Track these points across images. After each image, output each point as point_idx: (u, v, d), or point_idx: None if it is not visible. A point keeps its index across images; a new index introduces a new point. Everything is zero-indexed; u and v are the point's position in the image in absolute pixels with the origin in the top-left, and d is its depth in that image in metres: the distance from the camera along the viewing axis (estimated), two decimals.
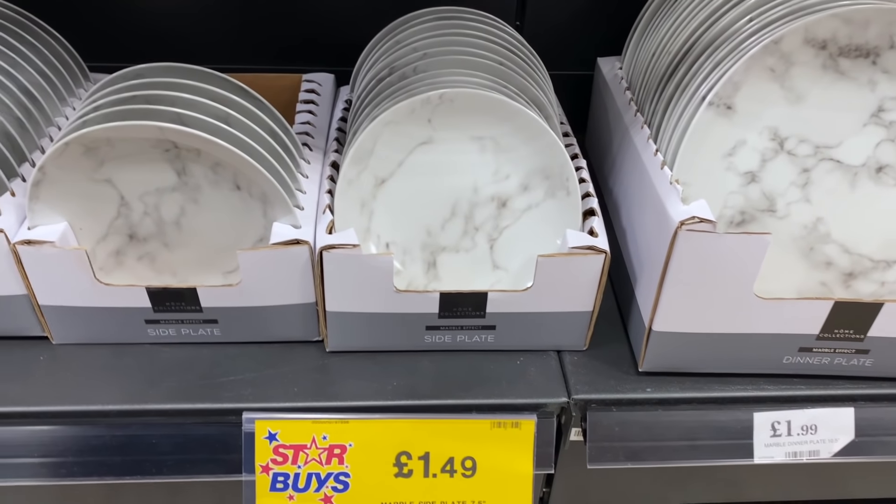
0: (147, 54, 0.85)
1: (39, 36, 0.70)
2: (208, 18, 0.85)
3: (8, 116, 0.61)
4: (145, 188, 0.58)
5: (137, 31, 0.84)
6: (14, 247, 0.56)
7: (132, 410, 0.58)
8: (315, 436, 0.57)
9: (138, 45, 0.85)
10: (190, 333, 0.62)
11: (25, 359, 0.61)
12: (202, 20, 0.85)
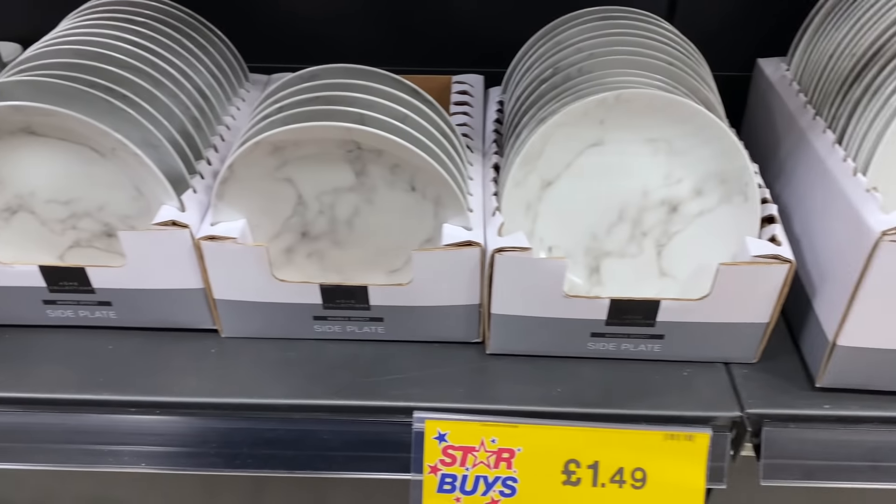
0: (297, 56, 0.87)
1: (208, 38, 0.72)
2: (356, 20, 0.86)
3: (186, 115, 0.63)
4: (323, 187, 0.59)
5: (288, 32, 0.86)
6: (198, 242, 0.58)
7: (303, 405, 0.59)
8: (484, 438, 0.57)
9: (289, 46, 0.87)
10: (355, 331, 0.63)
11: (197, 351, 0.63)
12: (350, 22, 0.86)
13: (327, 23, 0.87)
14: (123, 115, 0.58)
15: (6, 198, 0.61)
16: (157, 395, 0.59)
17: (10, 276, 0.61)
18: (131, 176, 0.59)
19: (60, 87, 0.57)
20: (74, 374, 0.61)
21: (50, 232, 0.63)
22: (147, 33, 0.66)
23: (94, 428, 0.59)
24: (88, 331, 0.64)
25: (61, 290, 0.62)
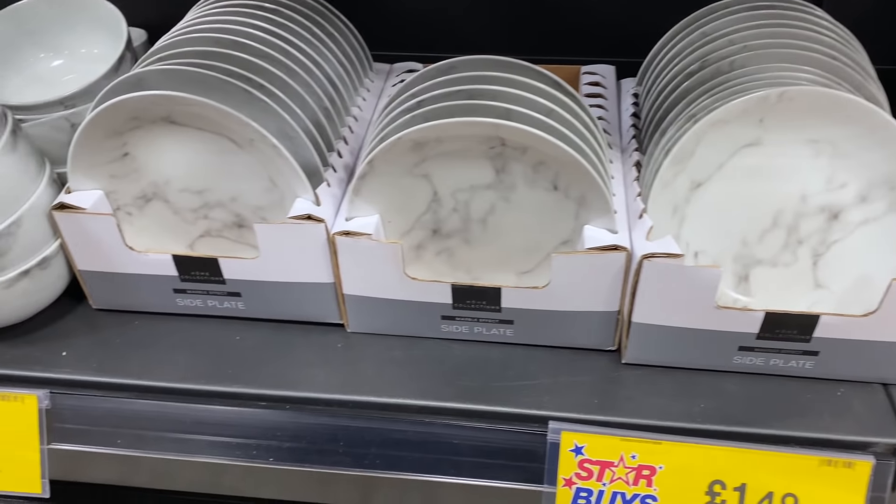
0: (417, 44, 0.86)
1: (336, 25, 0.71)
2: (478, 6, 0.83)
3: (319, 106, 0.62)
4: (460, 185, 0.56)
5: (408, 20, 0.85)
6: (333, 237, 0.57)
7: (433, 408, 0.57)
8: (624, 454, 0.54)
9: (409, 34, 0.85)
10: (482, 332, 0.61)
11: (324, 345, 0.62)
12: (471, 9, 0.84)
13: (448, 10, 0.85)
14: (261, 105, 0.57)
15: (142, 186, 0.61)
16: (286, 390, 0.59)
17: (144, 264, 0.61)
18: (267, 167, 0.58)
19: (201, 76, 0.56)
20: (204, 365, 0.61)
21: (182, 221, 0.63)
22: (279, 21, 0.65)
23: (224, 420, 0.59)
24: (216, 321, 0.64)
25: (193, 279, 0.62)
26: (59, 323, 0.65)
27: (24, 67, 0.74)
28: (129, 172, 0.60)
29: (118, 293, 0.64)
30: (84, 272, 0.63)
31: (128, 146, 0.59)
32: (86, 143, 0.58)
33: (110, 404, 0.60)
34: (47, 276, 0.62)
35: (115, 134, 0.58)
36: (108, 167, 0.60)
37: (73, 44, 0.75)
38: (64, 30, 0.74)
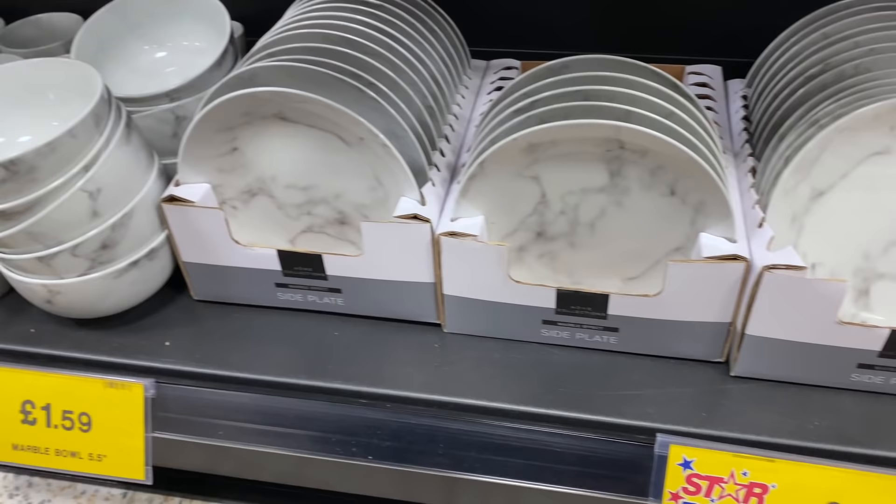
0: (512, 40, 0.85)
1: (438, 22, 0.70)
2: (574, 3, 0.82)
3: (424, 104, 0.62)
4: (570, 187, 0.55)
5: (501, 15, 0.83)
6: (438, 238, 0.56)
7: (535, 414, 0.56)
8: (734, 470, 0.52)
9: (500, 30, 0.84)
10: (584, 338, 0.60)
11: (421, 344, 0.62)
12: (568, 4, 0.82)
13: (543, 5, 0.83)
14: (371, 103, 0.57)
15: (248, 181, 0.62)
16: (384, 388, 0.59)
17: (249, 257, 0.62)
18: (374, 166, 0.58)
19: (314, 73, 0.56)
20: (303, 360, 0.61)
21: (285, 216, 0.63)
22: (385, 17, 0.65)
23: (323, 416, 0.59)
24: (315, 315, 0.65)
25: (295, 274, 0.62)
26: (161, 313, 0.66)
27: (127, 59, 0.76)
28: (237, 167, 0.61)
29: (220, 285, 0.65)
30: (188, 263, 0.64)
31: (237, 141, 0.59)
32: (197, 137, 0.58)
33: (212, 395, 0.61)
34: (153, 267, 0.63)
35: (227, 129, 0.58)
36: (217, 161, 0.60)
37: (176, 36, 0.76)
38: (168, 22, 0.76)
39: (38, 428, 0.61)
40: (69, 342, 0.64)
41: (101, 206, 0.57)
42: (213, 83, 0.69)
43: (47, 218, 0.54)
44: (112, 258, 0.59)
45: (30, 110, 0.62)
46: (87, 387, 0.60)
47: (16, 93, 0.61)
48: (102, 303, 0.62)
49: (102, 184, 0.56)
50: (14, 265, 0.58)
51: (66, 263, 0.57)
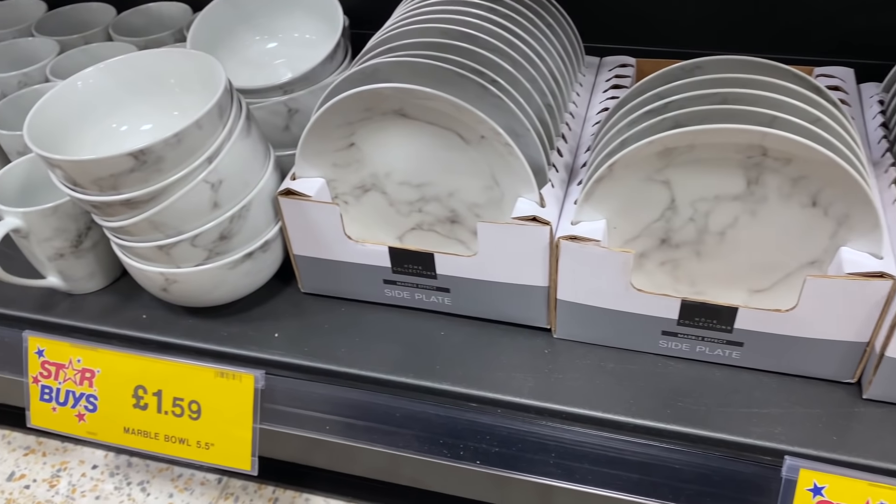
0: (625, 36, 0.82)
1: (555, 17, 0.68)
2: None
3: (543, 102, 0.60)
4: (703, 194, 0.53)
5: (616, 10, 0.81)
6: (558, 242, 0.55)
7: (651, 428, 0.54)
8: (871, 500, 0.49)
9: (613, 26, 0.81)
10: (705, 351, 0.57)
11: (530, 349, 0.61)
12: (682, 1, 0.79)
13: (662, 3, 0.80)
14: (493, 100, 0.55)
15: (362, 176, 0.61)
16: (495, 392, 0.57)
17: (360, 253, 0.61)
18: (493, 165, 0.57)
19: (436, 69, 0.55)
20: (411, 358, 0.60)
21: (396, 213, 0.63)
22: (503, 11, 0.63)
23: (432, 417, 0.58)
24: (421, 314, 0.64)
25: (405, 272, 0.61)
26: (269, 304, 0.67)
27: (238, 49, 0.76)
28: (352, 162, 0.60)
29: (329, 279, 0.65)
30: (298, 256, 0.64)
31: (355, 136, 0.59)
32: (317, 132, 0.58)
33: (320, 389, 0.61)
34: (266, 259, 0.63)
35: (346, 124, 0.58)
36: (333, 156, 0.60)
37: (287, 28, 0.76)
38: (280, 14, 0.76)
39: (149, 413, 0.62)
40: (180, 330, 0.65)
41: (222, 198, 0.57)
42: (326, 76, 0.70)
43: (170, 208, 0.55)
44: (228, 249, 0.60)
45: (151, 99, 0.63)
46: (198, 375, 0.61)
47: (138, 82, 0.62)
48: (215, 292, 0.62)
49: (224, 175, 0.56)
50: (133, 252, 0.59)
51: (185, 253, 0.58)
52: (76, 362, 0.64)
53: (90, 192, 0.54)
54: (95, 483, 0.80)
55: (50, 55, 0.83)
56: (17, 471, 0.82)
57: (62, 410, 0.65)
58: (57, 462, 0.83)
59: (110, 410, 0.63)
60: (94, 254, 0.66)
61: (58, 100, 0.59)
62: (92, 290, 0.69)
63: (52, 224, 0.62)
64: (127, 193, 0.54)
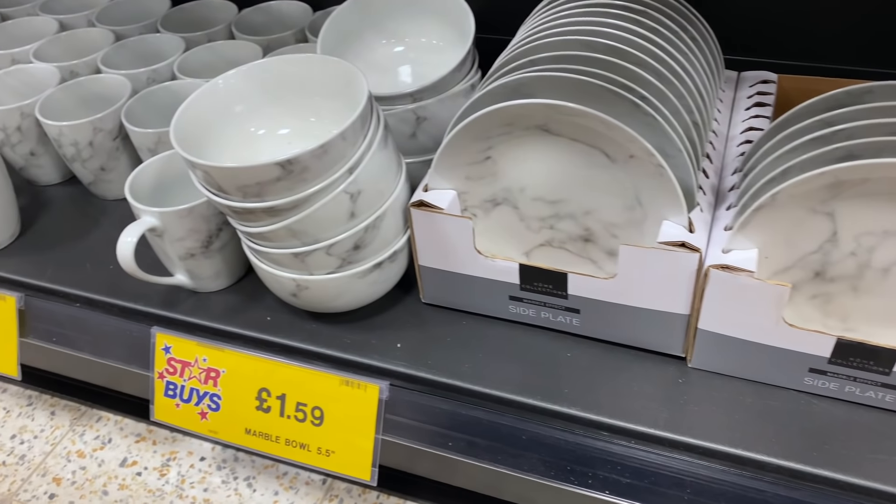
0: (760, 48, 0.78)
1: (700, 30, 0.65)
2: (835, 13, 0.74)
3: (691, 119, 0.57)
4: (870, 228, 0.49)
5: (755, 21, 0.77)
6: (707, 270, 0.52)
7: (799, 471, 0.52)
8: None
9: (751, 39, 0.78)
10: (854, 392, 0.54)
11: (663, 377, 0.58)
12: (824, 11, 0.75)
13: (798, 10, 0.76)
14: (644, 118, 0.53)
15: (494, 190, 0.60)
16: (627, 422, 0.55)
17: (488, 268, 0.60)
18: (638, 185, 0.54)
19: (584, 84, 0.53)
20: (537, 379, 0.59)
21: (526, 228, 0.61)
22: (649, 24, 0.61)
23: (559, 442, 0.57)
24: (546, 333, 0.62)
25: (533, 290, 0.60)
26: (390, 313, 0.66)
27: (363, 53, 0.76)
28: (486, 175, 0.59)
29: (452, 291, 0.64)
30: (424, 267, 0.63)
31: (492, 150, 0.57)
32: (455, 144, 0.57)
33: (443, 404, 0.60)
34: (393, 269, 0.63)
35: (485, 137, 0.57)
36: (466, 168, 0.59)
37: (414, 32, 0.75)
38: (408, 18, 0.75)
39: (272, 416, 0.63)
40: (303, 334, 0.65)
41: (359, 208, 0.56)
42: (455, 84, 0.69)
43: (310, 217, 0.55)
44: (360, 258, 0.59)
45: (288, 104, 0.63)
46: (323, 382, 0.61)
47: (276, 86, 0.63)
48: (341, 299, 0.62)
49: (363, 186, 0.56)
50: (267, 258, 0.60)
51: (319, 261, 0.58)
52: (202, 361, 0.65)
53: (234, 199, 0.54)
54: (203, 475, 0.82)
55: (176, 52, 0.85)
56: (130, 457, 0.84)
57: (185, 407, 0.66)
58: (167, 451, 0.85)
59: (233, 410, 0.64)
60: (222, 254, 0.67)
61: (200, 102, 0.60)
62: (216, 289, 0.70)
63: (186, 224, 0.63)
64: (270, 201, 0.54)
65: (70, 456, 0.85)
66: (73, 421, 0.89)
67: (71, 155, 0.76)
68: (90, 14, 0.95)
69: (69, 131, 0.74)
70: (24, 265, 0.75)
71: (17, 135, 0.79)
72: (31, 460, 0.85)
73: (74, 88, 0.80)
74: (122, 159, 0.79)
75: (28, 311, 0.72)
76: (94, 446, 0.86)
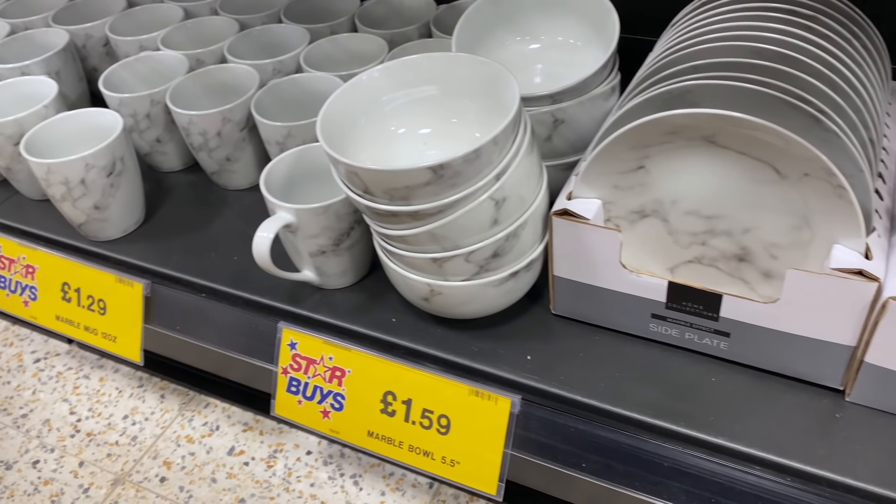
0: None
1: (871, 38, 0.60)
2: None
3: (867, 136, 0.53)
4: None
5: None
6: (887, 302, 0.48)
7: None
8: None
9: None
10: None
11: (818, 411, 0.54)
12: None
13: None
14: (823, 135, 0.49)
15: (643, 201, 0.57)
16: (782, 457, 0.52)
17: (632, 283, 0.57)
18: (811, 205, 0.50)
19: (759, 96, 0.50)
20: (679, 404, 0.56)
21: (674, 243, 0.58)
22: (820, 30, 0.56)
23: (704, 472, 0.54)
24: (688, 355, 0.59)
25: (680, 309, 0.57)
26: (517, 322, 0.64)
27: (494, 49, 0.73)
28: (636, 185, 0.56)
29: (587, 305, 0.61)
30: (559, 278, 0.61)
31: (647, 159, 0.54)
32: (609, 151, 0.54)
33: (575, 423, 0.58)
34: (527, 278, 0.60)
35: (642, 146, 0.54)
36: (616, 177, 0.56)
37: (551, 30, 0.72)
38: (543, 15, 0.72)
39: (396, 420, 0.62)
40: (430, 339, 0.63)
41: (502, 215, 0.54)
42: (595, 86, 0.66)
43: (454, 222, 0.53)
44: (497, 266, 0.57)
45: (429, 103, 0.61)
46: (451, 390, 0.59)
47: (417, 84, 0.61)
48: (471, 306, 0.60)
49: (508, 193, 0.54)
50: (403, 261, 0.58)
51: (457, 267, 0.56)
52: (328, 360, 0.64)
53: (380, 201, 0.53)
54: (310, 470, 0.82)
55: (299, 42, 0.84)
56: (237, 446, 0.85)
57: (307, 405, 0.65)
58: (273, 443, 0.85)
59: (357, 412, 0.63)
60: (350, 253, 0.66)
61: (344, 98, 0.59)
62: (340, 286, 0.69)
63: (321, 222, 0.62)
64: (416, 205, 0.52)
65: (179, 440, 0.87)
66: (181, 405, 0.91)
67: (198, 144, 0.77)
68: (213, 2, 0.95)
69: (199, 120, 0.74)
70: (150, 252, 0.76)
71: (146, 121, 0.80)
72: (142, 442, 0.87)
73: (202, 77, 0.81)
74: (248, 150, 0.79)
75: (153, 298, 0.73)
76: (203, 432, 0.87)
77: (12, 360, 0.99)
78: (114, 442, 0.87)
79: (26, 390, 0.95)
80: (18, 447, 0.88)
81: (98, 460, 0.85)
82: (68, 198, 0.72)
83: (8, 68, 0.87)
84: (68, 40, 0.91)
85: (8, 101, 0.82)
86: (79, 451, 0.87)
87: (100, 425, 0.89)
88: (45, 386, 0.95)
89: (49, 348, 1.00)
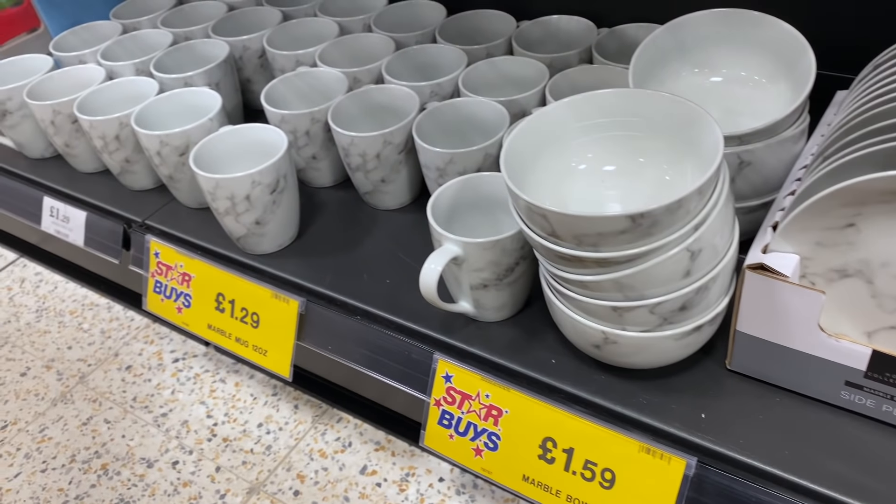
0: None
1: None
2: None
3: None
4: None
5: None
6: None
7: None
8: None
9: None
10: None
11: None
12: None
13: None
14: None
15: (846, 260, 0.52)
16: None
17: (827, 347, 0.53)
18: None
19: None
20: (876, 484, 0.51)
21: (877, 306, 0.53)
22: None
23: None
24: (885, 429, 0.54)
25: (881, 380, 0.52)
26: (690, 374, 0.60)
27: (665, 80, 0.70)
28: (841, 243, 0.52)
29: (770, 364, 0.57)
30: (742, 333, 0.57)
31: (859, 217, 0.50)
32: (818, 207, 0.50)
33: (757, 493, 0.54)
34: (709, 332, 0.57)
35: (857, 203, 0.49)
36: (820, 234, 0.52)
37: (731, 63, 0.68)
38: (724, 48, 0.68)
39: (555, 468, 0.59)
40: (594, 385, 0.61)
41: (696, 267, 0.51)
42: (786, 128, 0.61)
43: (644, 272, 0.50)
44: (682, 319, 0.54)
45: (612, 140, 0.58)
46: (618, 444, 0.57)
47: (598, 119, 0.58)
48: (644, 356, 0.57)
49: (704, 243, 0.50)
50: (578, 306, 0.56)
51: (639, 318, 0.53)
52: (484, 397, 0.62)
53: (566, 245, 0.51)
54: (443, 498, 0.81)
55: (456, 64, 0.83)
56: (370, 465, 0.85)
57: (459, 440, 0.64)
58: (405, 465, 0.84)
59: (512, 454, 0.61)
60: (512, 288, 0.64)
61: (526, 133, 0.57)
62: (496, 319, 0.67)
63: (487, 256, 0.60)
64: (605, 252, 0.50)
65: (313, 454, 0.87)
66: (315, 418, 0.91)
67: (356, 165, 0.77)
68: (366, 18, 0.96)
69: (360, 142, 0.74)
70: (303, 269, 0.76)
71: (305, 138, 0.81)
72: (276, 452, 0.88)
73: (361, 96, 0.81)
74: (403, 172, 0.78)
75: (307, 316, 0.73)
76: (336, 448, 0.87)
77: (153, 359, 1.03)
78: (249, 450, 0.89)
79: (166, 389, 0.98)
80: (159, 446, 0.91)
81: (234, 467, 0.87)
82: (232, 212, 0.73)
83: (172, 78, 0.89)
84: (228, 52, 0.93)
85: (174, 111, 0.85)
86: (215, 456, 0.88)
87: (235, 431, 0.91)
88: (184, 387, 0.98)
89: (187, 349, 1.03)
